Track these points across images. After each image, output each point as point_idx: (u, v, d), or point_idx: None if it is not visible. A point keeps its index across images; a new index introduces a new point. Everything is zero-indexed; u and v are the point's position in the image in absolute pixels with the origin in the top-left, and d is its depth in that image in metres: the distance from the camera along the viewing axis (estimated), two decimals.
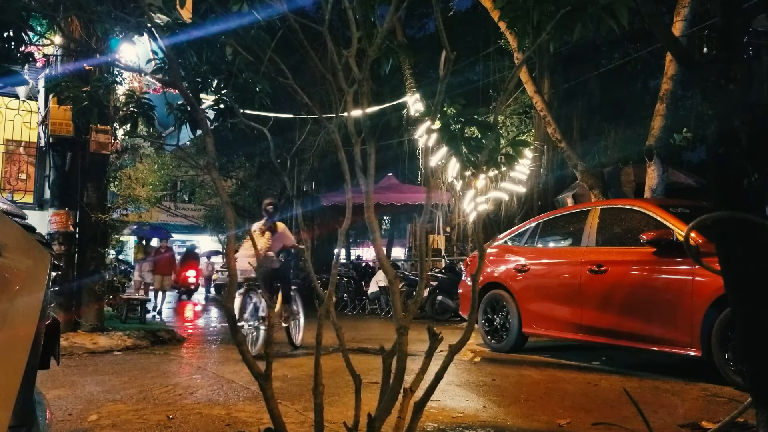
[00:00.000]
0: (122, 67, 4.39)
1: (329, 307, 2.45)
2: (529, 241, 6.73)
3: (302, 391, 4.33)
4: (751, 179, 2.20)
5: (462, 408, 3.86)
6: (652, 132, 8.03)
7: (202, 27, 2.98)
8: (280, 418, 2.25)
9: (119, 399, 4.02)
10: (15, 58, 3.02)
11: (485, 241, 7.59)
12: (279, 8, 2.55)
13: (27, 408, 1.61)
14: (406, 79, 13.18)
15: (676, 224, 5.04)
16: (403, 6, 2.49)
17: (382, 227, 24.71)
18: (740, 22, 2.40)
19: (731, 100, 2.23)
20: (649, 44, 11.49)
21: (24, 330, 1.47)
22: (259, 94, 3.33)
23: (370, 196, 2.37)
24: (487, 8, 8.64)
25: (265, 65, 2.85)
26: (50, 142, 7.21)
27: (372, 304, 12.73)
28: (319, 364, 2.33)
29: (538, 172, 12.85)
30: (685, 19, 7.79)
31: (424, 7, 18.37)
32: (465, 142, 2.39)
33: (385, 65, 2.80)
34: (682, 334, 4.73)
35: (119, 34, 3.67)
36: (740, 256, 2.23)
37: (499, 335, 6.61)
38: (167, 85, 3.56)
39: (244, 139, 15.17)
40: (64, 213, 7.07)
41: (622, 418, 3.54)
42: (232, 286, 2.36)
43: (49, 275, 1.69)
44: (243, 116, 3.22)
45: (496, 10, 5.29)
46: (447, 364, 2.23)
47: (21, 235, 1.55)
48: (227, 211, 2.48)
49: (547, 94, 12.19)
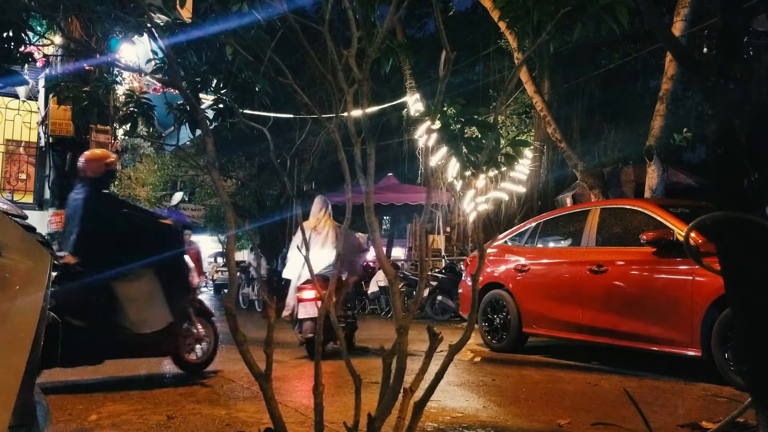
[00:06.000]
0: (122, 67, 4.38)
1: (329, 308, 2.45)
2: (529, 241, 6.73)
3: (302, 391, 4.34)
4: (751, 179, 2.20)
5: (462, 408, 3.86)
6: (652, 132, 8.03)
7: (201, 27, 2.98)
8: (280, 418, 2.24)
9: (119, 399, 4.02)
10: (15, 58, 3.02)
11: (485, 241, 7.59)
12: (279, 8, 2.55)
13: (27, 408, 1.61)
14: (406, 79, 13.18)
15: (676, 224, 5.04)
16: (403, 6, 2.49)
17: (382, 227, 24.72)
18: (740, 22, 2.40)
19: (731, 100, 2.23)
20: (649, 44, 11.49)
21: (24, 330, 1.47)
22: (258, 93, 3.33)
23: (370, 196, 2.37)
24: (487, 8, 8.64)
25: (264, 65, 2.85)
26: (50, 142, 7.23)
27: (372, 304, 12.73)
28: (319, 364, 2.33)
29: (538, 172, 12.85)
30: (685, 19, 7.79)
31: (424, 7, 18.37)
32: (465, 142, 2.39)
33: (385, 65, 2.80)
34: (682, 334, 4.73)
35: (119, 34, 3.67)
36: (740, 256, 2.23)
37: (499, 335, 6.60)
38: (167, 85, 3.56)
39: (244, 139, 15.16)
40: (64, 213, 7.08)
41: (622, 418, 3.54)
42: (233, 286, 2.36)
43: (49, 275, 1.69)
44: (243, 116, 3.22)
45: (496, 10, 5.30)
46: (447, 364, 2.23)
47: (21, 235, 1.55)
48: (227, 211, 2.48)
49: (547, 94, 12.19)
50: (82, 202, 4.42)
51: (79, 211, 4.43)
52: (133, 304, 4.37)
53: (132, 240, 4.50)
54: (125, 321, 4.32)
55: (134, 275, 4.42)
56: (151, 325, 4.40)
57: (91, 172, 4.58)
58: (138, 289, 4.41)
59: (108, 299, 4.32)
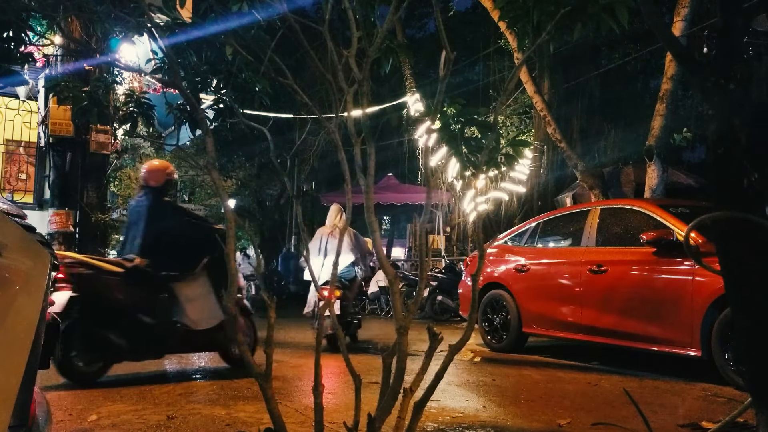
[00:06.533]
0: (122, 67, 4.39)
1: (330, 308, 2.45)
2: (529, 241, 6.73)
3: (302, 391, 4.34)
4: (751, 179, 2.20)
5: (462, 408, 3.86)
6: (652, 132, 8.02)
7: (201, 27, 2.98)
8: (280, 418, 2.24)
9: (119, 399, 4.02)
10: (15, 58, 3.03)
11: (485, 241, 7.59)
12: (279, 8, 2.55)
13: (27, 408, 1.61)
14: (406, 79, 13.17)
15: (676, 224, 5.04)
16: (403, 6, 2.49)
17: (382, 227, 24.72)
18: (740, 22, 2.40)
19: (731, 100, 2.23)
20: (649, 44, 11.48)
21: (24, 330, 1.47)
22: (258, 93, 3.33)
23: (370, 196, 2.37)
24: (487, 8, 8.63)
25: (264, 65, 2.85)
26: (50, 142, 7.22)
27: (372, 304, 12.73)
28: (319, 364, 2.33)
29: (538, 172, 12.84)
30: (685, 19, 7.79)
31: (424, 7, 18.37)
32: (465, 142, 2.39)
33: (385, 65, 2.80)
34: (682, 334, 4.73)
35: (119, 34, 3.67)
36: (740, 256, 2.23)
37: (499, 335, 6.60)
38: (167, 85, 3.56)
39: (244, 139, 15.16)
40: (64, 213, 7.08)
41: (622, 418, 3.54)
42: (233, 286, 2.36)
43: (49, 275, 1.69)
44: (243, 116, 3.22)
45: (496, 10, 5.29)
46: (447, 364, 2.23)
47: (21, 235, 1.55)
48: (227, 211, 2.48)
49: (547, 94, 12.18)
50: (147, 210, 4.77)
51: (144, 217, 4.77)
52: (191, 303, 4.76)
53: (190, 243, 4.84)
54: (185, 318, 4.71)
55: (192, 276, 4.79)
56: (207, 323, 4.76)
57: (153, 181, 4.93)
58: (195, 289, 4.78)
59: (171, 298, 4.71)
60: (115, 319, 4.53)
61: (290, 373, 5.13)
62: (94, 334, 4.46)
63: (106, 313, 4.52)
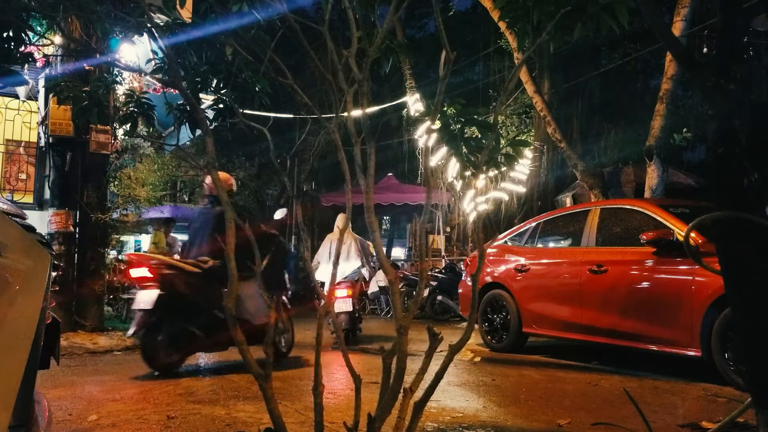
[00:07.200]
0: (122, 67, 4.39)
1: (330, 308, 2.45)
2: (529, 241, 6.73)
3: (302, 391, 4.34)
4: (751, 179, 2.20)
5: (462, 408, 3.86)
6: (652, 132, 8.03)
7: (201, 27, 2.98)
8: (280, 418, 2.24)
9: (119, 399, 4.02)
10: (15, 58, 3.03)
11: (485, 241, 7.59)
12: (279, 8, 2.55)
13: (27, 408, 1.61)
14: (406, 79, 13.18)
15: (676, 224, 5.04)
16: (403, 6, 2.49)
17: (382, 227, 24.71)
18: (740, 22, 2.40)
19: (731, 100, 2.23)
20: (649, 44, 11.49)
21: (24, 330, 1.47)
22: (258, 93, 3.33)
23: (370, 196, 2.37)
24: (487, 8, 8.63)
25: (264, 65, 2.85)
26: (50, 142, 7.21)
27: (372, 304, 12.72)
28: (319, 364, 2.33)
29: (538, 172, 12.84)
30: (685, 19, 7.79)
31: (424, 7, 18.37)
32: (465, 142, 2.39)
33: (385, 65, 2.80)
34: (682, 334, 4.73)
35: (119, 34, 3.67)
36: (740, 256, 2.23)
37: (499, 335, 6.60)
38: (167, 85, 3.56)
39: (244, 139, 15.16)
40: (64, 213, 7.07)
41: (622, 418, 3.54)
42: (233, 285, 2.36)
43: (49, 275, 1.69)
44: (243, 116, 3.22)
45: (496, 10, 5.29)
46: (447, 364, 2.23)
47: (21, 235, 1.55)
48: (227, 210, 2.48)
49: (547, 94, 12.18)
50: (213, 217, 5.32)
51: (210, 223, 5.35)
52: (250, 300, 5.13)
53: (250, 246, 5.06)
54: (246, 314, 5.06)
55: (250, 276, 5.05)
56: (262, 318, 5.04)
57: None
58: (251, 287, 5.01)
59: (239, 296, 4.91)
60: (195, 315, 4.99)
61: (290, 373, 5.13)
62: (178, 327, 4.95)
63: (187, 309, 4.99)
